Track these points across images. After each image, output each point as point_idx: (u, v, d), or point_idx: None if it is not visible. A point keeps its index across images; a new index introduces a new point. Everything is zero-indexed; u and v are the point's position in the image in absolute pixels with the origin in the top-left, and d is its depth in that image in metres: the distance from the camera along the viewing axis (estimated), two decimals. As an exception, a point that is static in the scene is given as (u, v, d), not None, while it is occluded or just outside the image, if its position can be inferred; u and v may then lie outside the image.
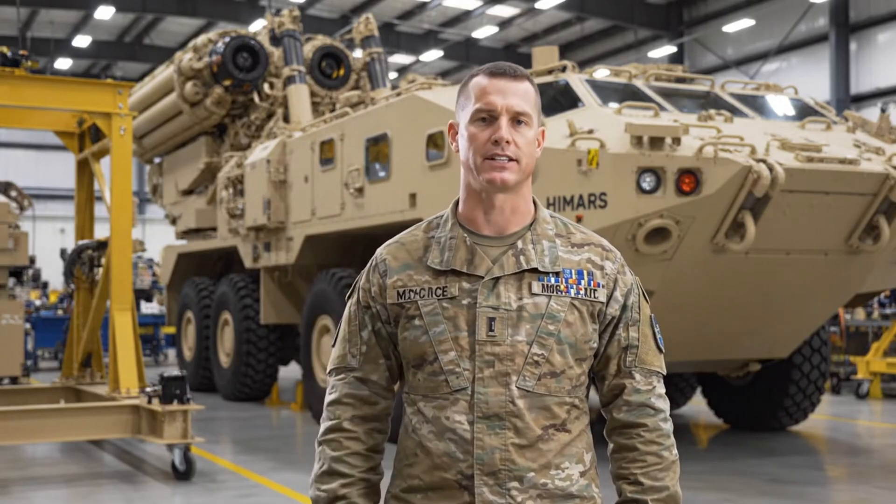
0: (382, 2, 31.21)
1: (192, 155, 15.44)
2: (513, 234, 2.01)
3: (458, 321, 1.96)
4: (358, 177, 10.08)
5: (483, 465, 1.91)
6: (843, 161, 7.62)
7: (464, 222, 2.04)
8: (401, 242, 2.08)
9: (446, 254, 2.00)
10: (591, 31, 33.86)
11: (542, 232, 2.02)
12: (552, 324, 1.96)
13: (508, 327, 1.94)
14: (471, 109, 1.99)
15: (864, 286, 8.78)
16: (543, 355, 1.95)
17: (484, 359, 1.94)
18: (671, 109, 8.27)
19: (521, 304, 1.95)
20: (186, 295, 14.93)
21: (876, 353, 13.85)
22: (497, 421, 1.92)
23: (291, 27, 13.74)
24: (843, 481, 8.50)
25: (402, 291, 2.01)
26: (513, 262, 1.97)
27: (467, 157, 1.99)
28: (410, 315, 2.00)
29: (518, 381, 1.93)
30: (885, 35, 27.45)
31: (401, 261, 2.04)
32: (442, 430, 1.95)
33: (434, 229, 2.07)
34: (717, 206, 7.34)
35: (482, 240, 2.01)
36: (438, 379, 1.97)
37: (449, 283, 1.98)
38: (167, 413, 7.45)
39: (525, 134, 1.98)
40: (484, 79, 2.00)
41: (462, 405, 1.94)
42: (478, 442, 1.92)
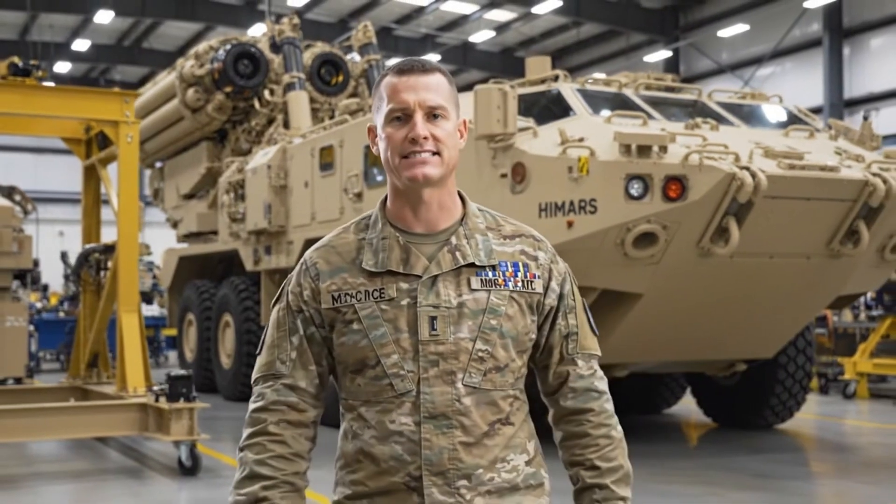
0: (380, 6, 31.48)
1: (193, 160, 15.74)
2: (444, 230, 1.98)
3: (398, 323, 1.92)
4: (357, 182, 10.37)
5: (431, 466, 1.89)
6: (823, 168, 7.92)
7: (394, 221, 1.99)
8: (331, 245, 2.02)
9: (380, 255, 1.95)
10: (587, 36, 34.11)
11: (474, 226, 1.99)
12: (494, 318, 1.93)
13: (450, 325, 1.91)
14: (385, 110, 1.95)
15: (845, 289, 9.09)
16: (488, 350, 1.93)
17: (428, 359, 1.90)
18: (659, 118, 8.57)
19: (462, 301, 1.92)
20: (188, 297, 15.21)
21: (863, 354, 14.15)
22: (444, 420, 1.90)
23: (291, 35, 14.06)
24: (826, 476, 8.80)
25: (336, 295, 1.96)
26: (449, 259, 1.94)
27: (387, 159, 1.96)
28: (347, 319, 1.94)
29: (465, 379, 1.91)
30: (878, 40, 27.69)
31: (333, 264, 1.98)
32: (386, 434, 1.91)
33: (364, 230, 2.01)
34: (702, 211, 7.64)
35: (414, 238, 1.97)
36: (382, 383, 1.92)
37: (385, 284, 1.93)
38: (174, 411, 7.75)
39: (443, 127, 1.94)
40: (394, 77, 1.96)
41: (407, 407, 1.90)
42: (425, 443, 1.89)
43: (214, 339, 14.10)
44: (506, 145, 7.96)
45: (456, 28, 33.39)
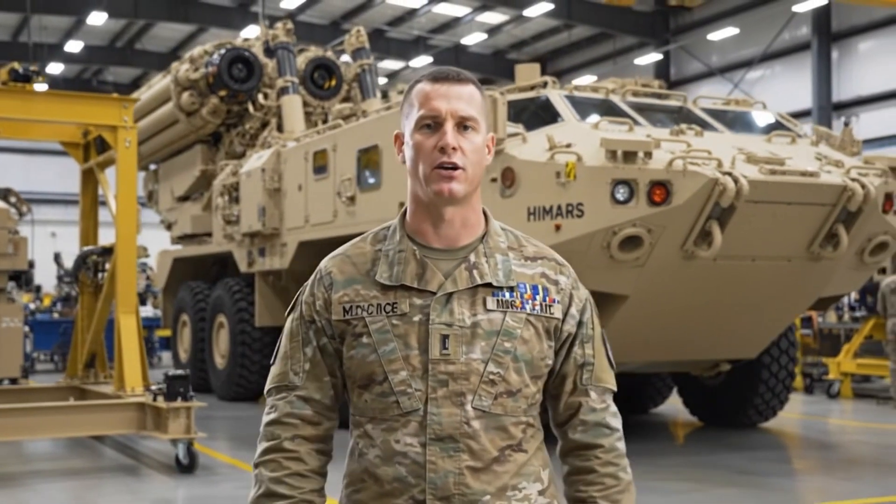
0: (373, 8, 31.64)
1: (187, 162, 15.92)
2: (464, 247, 1.92)
3: (408, 339, 1.86)
4: (350, 186, 10.56)
5: (436, 490, 1.82)
6: (804, 174, 8.15)
7: (413, 234, 1.93)
8: (347, 255, 1.96)
9: (395, 268, 1.90)
10: (578, 38, 34.34)
11: (495, 245, 1.94)
12: (508, 341, 1.87)
13: (463, 345, 1.85)
14: (415, 117, 1.90)
15: (825, 290, 9.32)
16: (500, 374, 1.87)
17: (437, 378, 1.84)
18: (645, 124, 8.79)
19: (476, 321, 1.87)
20: (182, 298, 15.39)
21: (846, 355, 14.40)
22: (451, 443, 1.83)
23: (285, 40, 14.25)
24: (807, 473, 9.03)
25: (348, 307, 1.90)
26: (466, 277, 1.88)
27: (414, 168, 1.90)
28: (357, 333, 1.89)
29: (474, 401, 1.85)
30: (866, 44, 27.93)
31: (347, 274, 1.93)
32: (391, 454, 1.85)
33: (381, 241, 1.96)
34: (686, 215, 7.86)
35: (432, 253, 1.91)
36: (388, 400, 1.86)
37: (399, 298, 1.88)
38: (172, 410, 7.94)
39: (472, 140, 1.89)
40: (427, 84, 1.92)
41: (413, 427, 1.84)
42: (430, 465, 1.83)
43: (209, 339, 14.28)
44: (496, 150, 8.18)
45: (448, 30, 33.59)
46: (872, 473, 8.83)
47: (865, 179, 8.37)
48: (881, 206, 8.62)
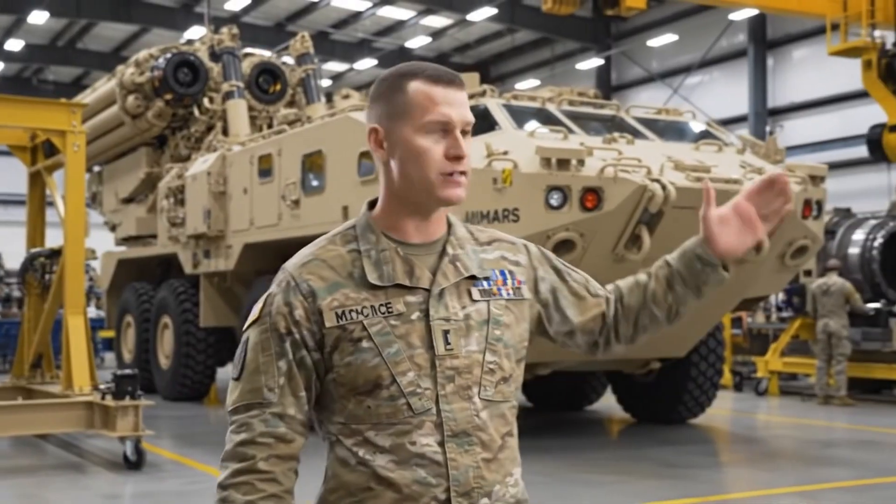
0: (317, 10, 31.76)
1: (132, 164, 16.04)
2: (437, 239, 1.91)
3: (410, 338, 1.82)
4: (294, 189, 10.82)
5: (459, 486, 1.81)
6: (728, 181, 8.59)
7: (387, 231, 1.89)
8: (320, 259, 1.88)
9: (384, 267, 1.85)
10: (521, 42, 34.77)
11: (462, 235, 1.95)
12: (497, 328, 1.89)
13: (461, 338, 1.85)
14: (419, 119, 1.84)
15: (750, 292, 9.80)
16: (496, 362, 1.87)
17: (445, 374, 1.82)
18: (579, 132, 9.17)
19: (467, 313, 1.87)
20: (126, 300, 15.49)
21: (774, 354, 14.97)
22: (465, 437, 1.82)
23: (230, 45, 14.46)
24: (730, 465, 9.50)
25: (340, 312, 1.83)
26: (452, 270, 1.88)
27: (417, 170, 1.84)
28: (355, 338, 1.82)
29: (480, 393, 1.85)
30: (801, 52, 28.65)
31: (328, 280, 1.85)
32: (407, 457, 1.80)
33: (352, 242, 1.89)
34: (616, 220, 8.25)
35: (411, 249, 1.88)
36: (398, 403, 1.81)
37: (391, 298, 1.83)
38: (120, 408, 8.16)
39: (469, 144, 1.90)
40: (427, 85, 1.85)
41: (428, 427, 1.81)
42: (451, 463, 1.80)
43: (153, 340, 14.42)
44: (435, 157, 8.49)
45: (392, 33, 33.80)
46: (792, 465, 9.30)
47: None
48: (800, 212, 9.10)
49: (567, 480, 7.99)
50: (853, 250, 14.43)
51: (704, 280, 2.04)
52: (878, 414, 12.96)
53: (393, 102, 1.87)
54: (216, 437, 10.73)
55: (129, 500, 7.65)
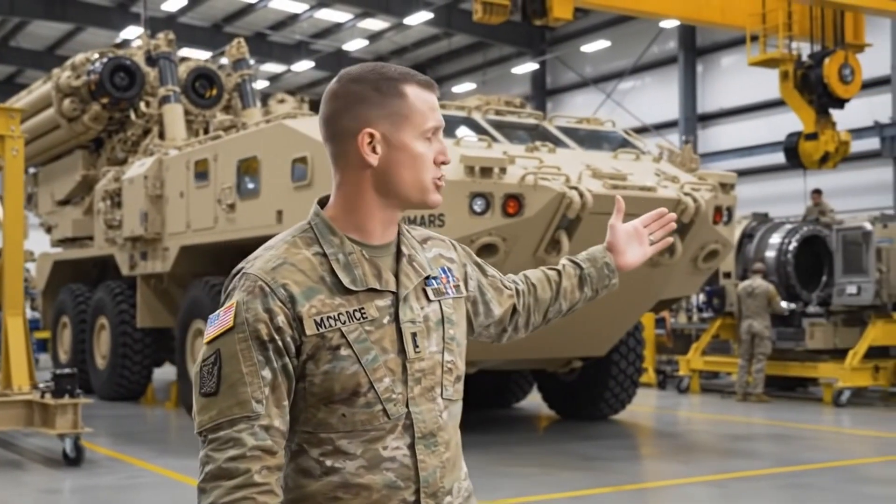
0: (254, 12, 31.83)
1: (68, 167, 16.16)
2: (391, 241, 1.89)
3: (384, 343, 1.81)
4: (230, 194, 11.11)
5: (427, 487, 1.82)
6: (642, 188, 9.09)
7: (348, 233, 1.85)
8: (289, 263, 1.81)
9: (355, 271, 1.81)
10: (458, 46, 35.19)
11: (409, 235, 1.96)
12: (451, 327, 1.91)
13: (425, 339, 1.85)
14: (421, 126, 1.83)
15: (665, 293, 10.33)
16: (453, 361, 1.90)
17: (414, 376, 1.83)
18: (503, 141, 9.61)
19: (426, 314, 1.87)
20: (63, 301, 15.62)
21: (695, 353, 15.59)
22: (431, 438, 1.84)
23: (167, 50, 14.67)
24: (647, 458, 10.02)
25: (319, 320, 1.77)
26: (412, 272, 1.88)
27: (412, 175, 1.84)
28: (334, 346, 1.78)
29: (443, 393, 1.87)
30: (729, 59, 29.42)
31: (303, 285, 1.79)
32: (378, 461, 1.79)
33: (314, 244, 1.84)
34: (536, 225, 8.70)
35: (373, 251, 1.86)
36: (374, 410, 1.79)
37: (364, 303, 1.81)
38: (59, 406, 8.41)
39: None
40: (424, 92, 1.86)
41: (399, 430, 1.81)
42: (421, 464, 1.82)
43: (90, 341, 14.58)
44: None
45: (330, 35, 34.00)
46: (707, 457, 9.83)
47: (697, 194, 9.37)
48: (711, 218, 9.64)
49: (492, 473, 8.42)
50: (770, 253, 15.07)
51: (605, 285, 2.27)
52: (792, 410, 13.60)
53: (391, 106, 1.83)
54: (154, 436, 11.05)
55: (68, 495, 7.91)
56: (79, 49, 31.89)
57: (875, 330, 13.81)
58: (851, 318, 14.37)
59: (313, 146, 9.69)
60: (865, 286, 13.81)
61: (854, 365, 13.56)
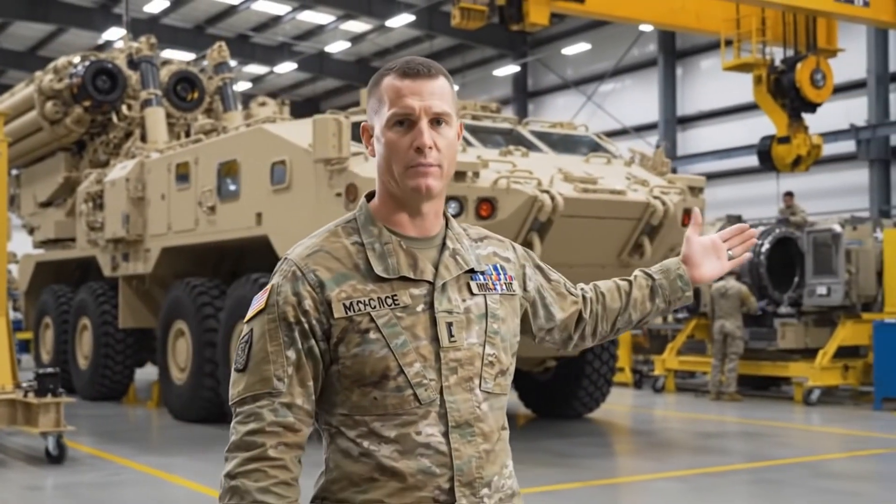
0: (237, 14, 31.90)
1: (50, 169, 16.31)
2: (436, 234, 1.95)
3: (416, 330, 1.86)
4: (211, 196, 11.30)
5: (462, 476, 1.85)
6: (613, 192, 9.33)
7: (387, 225, 1.92)
8: (325, 251, 1.90)
9: (389, 260, 1.88)
10: (440, 48, 35.31)
11: (458, 231, 2.00)
12: (495, 322, 1.94)
13: (463, 330, 1.89)
14: (386, 114, 1.87)
15: (636, 294, 10.55)
16: (495, 354, 1.92)
17: (448, 366, 1.86)
18: (477, 145, 9.83)
19: (467, 306, 1.91)
20: (45, 302, 15.76)
21: (670, 353, 15.85)
22: (468, 428, 1.86)
23: (148, 53, 14.86)
24: (619, 455, 10.26)
25: (348, 304, 1.85)
26: (454, 264, 1.93)
27: (387, 165, 1.89)
28: (363, 329, 1.85)
29: (481, 385, 1.89)
30: (708, 62, 29.67)
31: (335, 271, 1.88)
32: (412, 446, 1.84)
33: (354, 234, 1.92)
34: (509, 228, 8.92)
35: (413, 243, 1.92)
36: (405, 394, 1.84)
37: (397, 290, 1.87)
38: (42, 405, 8.59)
39: (446, 135, 1.90)
40: (397, 79, 1.88)
41: (433, 417, 1.85)
42: (455, 453, 1.84)
43: (72, 341, 14.73)
44: (340, 168, 9.10)
45: (312, 37, 34.11)
46: (677, 454, 10.07)
47: (666, 197, 9.61)
48: (680, 220, 9.88)
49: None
50: (743, 254, 15.32)
51: (678, 297, 2.26)
52: (763, 408, 13.88)
53: (372, 100, 1.92)
54: (136, 434, 11.22)
55: (50, 492, 8.08)
56: (61, 50, 32.00)
57: (844, 330, 14.10)
58: (822, 319, 14.66)
59: (292, 150, 9.90)
60: (835, 287, 14.10)
61: (824, 364, 13.84)
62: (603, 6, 15.66)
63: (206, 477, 8.24)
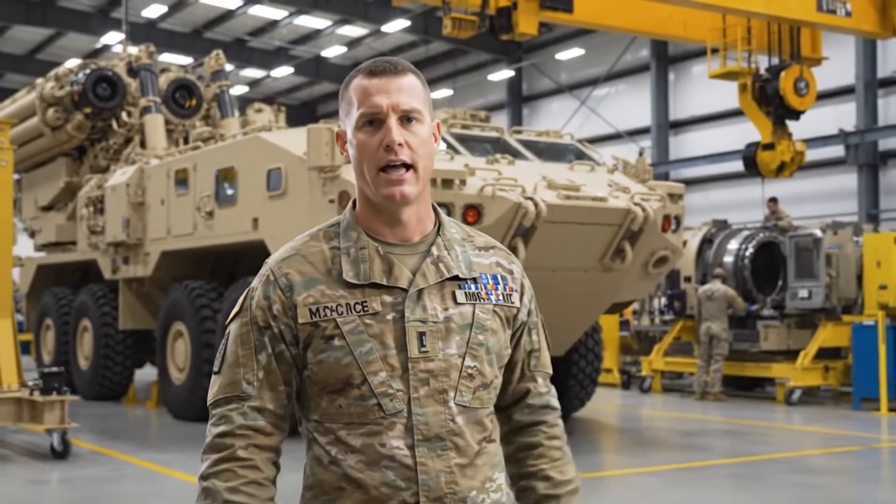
0: (234, 18, 32.14)
1: (52, 174, 16.67)
2: (421, 240, 1.88)
3: (384, 338, 1.80)
4: (208, 202, 11.68)
5: (429, 492, 1.78)
6: (594, 199, 9.71)
7: (368, 230, 1.87)
8: (301, 255, 1.87)
9: (361, 266, 1.83)
10: (435, 53, 35.62)
11: (451, 237, 1.91)
12: (481, 333, 1.86)
13: (439, 340, 1.82)
14: (355, 115, 1.83)
15: (618, 297, 10.96)
16: (476, 367, 1.85)
17: (418, 377, 1.80)
18: (465, 153, 10.20)
19: (448, 315, 1.84)
20: (46, 304, 16.12)
21: (657, 354, 16.24)
22: (438, 442, 1.80)
23: (147, 62, 15.24)
24: (602, 451, 10.62)
25: (314, 309, 1.82)
26: (434, 271, 1.85)
27: (360, 168, 1.84)
28: (328, 335, 1.81)
29: (456, 398, 1.82)
30: (700, 68, 29.77)
31: (306, 275, 1.84)
32: (377, 458, 1.79)
33: (334, 238, 1.88)
34: (494, 233, 9.28)
35: (393, 248, 1.86)
36: (368, 403, 1.80)
37: (368, 297, 1.82)
38: (47, 403, 8.97)
39: (418, 133, 1.83)
40: (363, 79, 1.84)
41: (399, 429, 1.79)
42: (421, 467, 1.78)
43: (73, 342, 15.09)
44: (333, 175, 9.48)
45: (309, 42, 34.36)
46: (659, 451, 10.41)
47: (646, 204, 10.00)
48: (660, 226, 10.26)
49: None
50: (728, 258, 15.74)
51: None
52: (746, 408, 14.25)
53: (343, 103, 1.88)
54: (136, 432, 11.60)
55: (56, 485, 8.45)
56: (59, 54, 32.39)
57: (825, 332, 14.48)
58: (803, 321, 15.04)
59: (287, 158, 10.27)
60: (816, 290, 14.48)
61: (805, 365, 14.22)
62: (591, 16, 16.04)
63: (204, 472, 8.58)
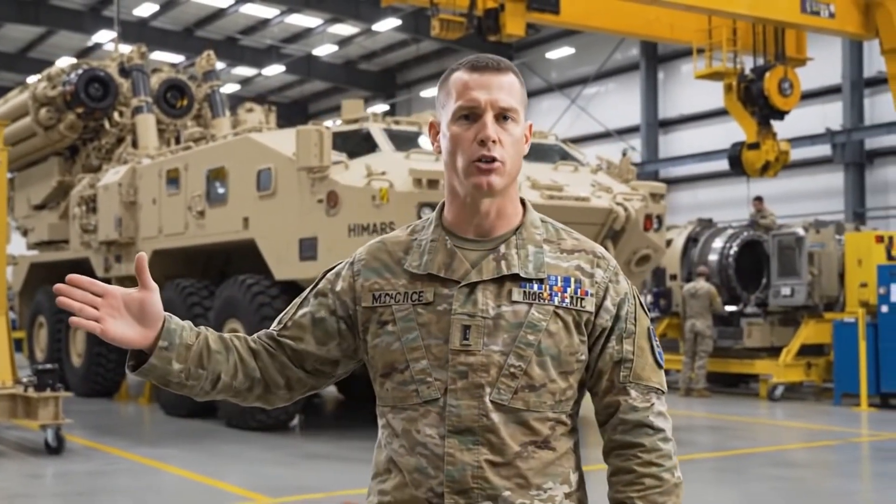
0: (226, 17, 32.18)
1: (44, 173, 16.83)
2: (497, 237, 1.88)
3: (431, 328, 1.84)
4: (200, 201, 11.86)
5: (453, 483, 1.79)
6: (577, 198, 9.92)
7: (448, 225, 1.91)
8: (383, 242, 1.96)
9: (425, 257, 1.88)
10: (425, 52, 35.71)
11: (529, 236, 1.89)
12: (532, 333, 1.82)
13: (484, 336, 1.81)
14: (452, 107, 1.85)
15: (600, 296, 11.14)
16: (521, 367, 1.81)
17: (457, 369, 1.81)
18: (452, 154, 10.38)
19: (500, 312, 1.83)
20: (39, 302, 16.27)
21: (642, 352, 16.41)
22: (470, 436, 1.79)
23: (139, 62, 15.40)
24: (584, 446, 10.78)
25: (377, 295, 1.90)
26: (492, 267, 1.85)
27: (452, 159, 1.86)
28: (383, 321, 1.88)
29: (492, 395, 1.80)
30: (688, 67, 29.82)
31: (379, 262, 1.93)
32: (413, 444, 1.83)
33: (418, 232, 1.94)
34: (480, 233, 9.48)
35: (464, 243, 1.88)
36: (408, 389, 1.84)
37: (425, 287, 1.86)
38: (42, 399, 9.14)
39: (512, 132, 1.85)
40: (465, 73, 1.86)
41: (433, 417, 1.81)
42: (448, 458, 1.79)
43: (66, 340, 15.25)
44: (322, 176, 9.68)
45: (300, 40, 34.38)
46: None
47: (628, 203, 10.21)
48: (642, 225, 10.47)
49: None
50: (712, 257, 15.96)
51: None
52: (730, 404, 14.47)
53: (441, 95, 1.90)
54: (128, 428, 11.78)
55: (51, 479, 8.63)
56: (51, 52, 32.46)
57: (807, 329, 14.72)
58: (786, 318, 15.28)
59: (277, 158, 10.46)
60: (799, 288, 14.71)
61: (787, 362, 14.46)
62: (578, 17, 16.24)
63: (196, 466, 8.81)
